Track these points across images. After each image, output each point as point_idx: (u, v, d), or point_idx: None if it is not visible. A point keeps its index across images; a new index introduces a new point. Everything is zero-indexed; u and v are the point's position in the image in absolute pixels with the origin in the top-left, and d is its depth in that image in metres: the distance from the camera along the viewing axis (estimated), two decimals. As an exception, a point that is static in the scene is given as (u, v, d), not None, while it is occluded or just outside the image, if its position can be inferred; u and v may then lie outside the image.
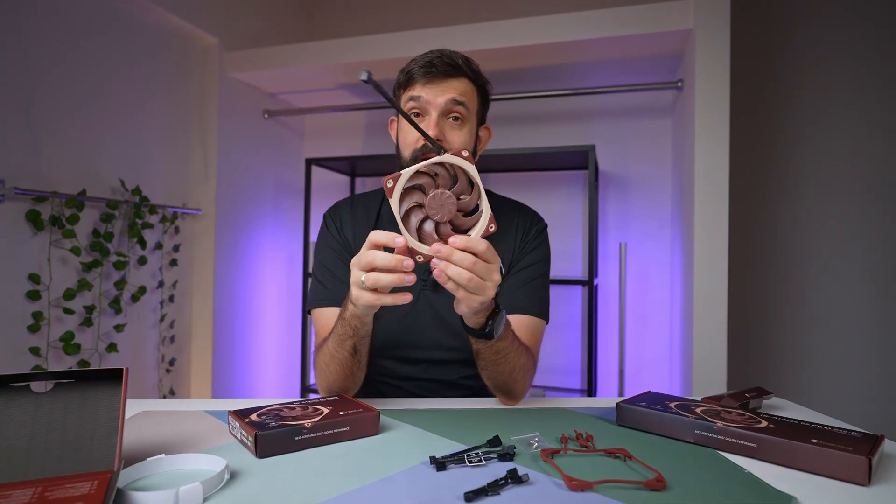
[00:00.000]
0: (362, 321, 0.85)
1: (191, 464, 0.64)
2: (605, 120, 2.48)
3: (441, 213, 0.73)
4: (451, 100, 0.97)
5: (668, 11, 1.86)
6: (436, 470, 0.64)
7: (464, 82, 0.99)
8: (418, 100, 0.97)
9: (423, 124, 0.97)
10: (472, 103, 1.00)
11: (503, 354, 0.88)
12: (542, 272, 1.08)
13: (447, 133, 0.98)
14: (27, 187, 1.64)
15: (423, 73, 0.97)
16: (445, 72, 0.97)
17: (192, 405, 0.92)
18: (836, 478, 0.62)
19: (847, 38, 2.22)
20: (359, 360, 0.91)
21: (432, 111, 0.97)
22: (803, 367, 2.27)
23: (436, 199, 0.73)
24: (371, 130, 2.86)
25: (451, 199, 0.73)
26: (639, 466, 0.65)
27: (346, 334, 0.87)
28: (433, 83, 0.97)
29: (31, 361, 1.67)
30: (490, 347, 0.86)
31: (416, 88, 0.98)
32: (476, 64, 1.03)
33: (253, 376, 2.58)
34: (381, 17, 2.79)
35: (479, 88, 1.02)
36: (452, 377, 1.06)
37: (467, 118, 0.99)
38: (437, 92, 0.97)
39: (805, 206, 2.27)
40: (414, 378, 1.06)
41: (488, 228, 0.74)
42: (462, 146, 0.98)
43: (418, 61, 0.98)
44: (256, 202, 2.58)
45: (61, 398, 0.62)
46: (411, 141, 0.99)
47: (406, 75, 1.00)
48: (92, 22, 1.86)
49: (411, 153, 0.98)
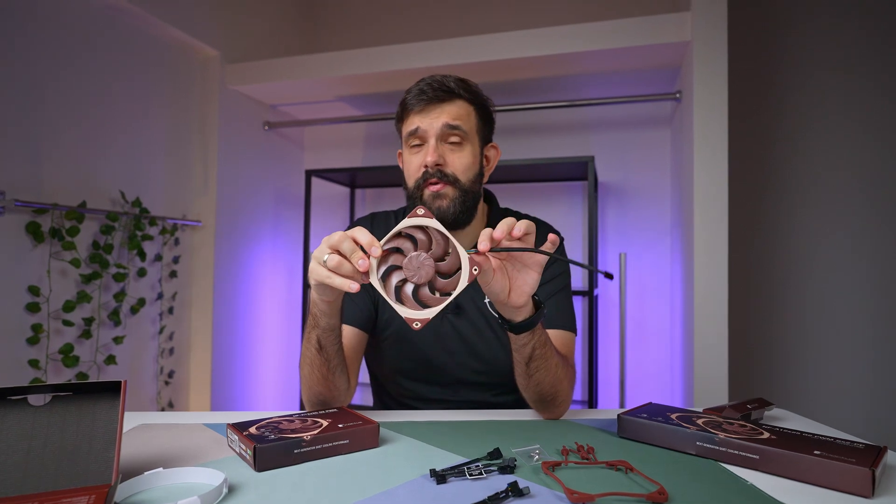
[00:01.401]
0: (321, 310, 0.83)
1: (189, 477, 0.63)
2: (605, 131, 2.49)
3: (419, 275, 0.73)
4: (445, 124, 0.98)
5: (667, 24, 1.87)
6: (436, 483, 0.63)
7: (458, 105, 0.99)
8: (416, 131, 0.99)
9: (423, 152, 0.99)
10: (470, 125, 1.00)
11: (549, 347, 0.86)
12: (565, 284, 1.08)
13: (447, 157, 0.98)
14: (27, 199, 1.65)
15: (416, 101, 0.98)
16: (438, 97, 0.98)
17: (190, 418, 0.91)
18: (840, 490, 0.61)
19: (844, 47, 2.23)
20: (327, 360, 0.89)
21: (430, 138, 0.98)
22: (805, 376, 2.26)
23: (412, 262, 0.73)
24: (371, 142, 2.87)
25: (429, 261, 0.73)
26: (641, 479, 0.64)
27: (310, 325, 0.87)
28: (427, 110, 0.98)
29: (30, 374, 1.66)
30: (539, 338, 0.84)
31: (412, 119, 0.99)
32: (473, 84, 1.03)
33: (252, 389, 2.56)
34: (381, 30, 2.82)
35: (477, 108, 1.03)
36: (483, 398, 1.06)
37: (467, 139, 1.00)
38: (432, 118, 0.98)
39: (805, 215, 2.28)
40: (444, 400, 1.06)
41: (472, 273, 0.73)
42: (464, 168, 0.99)
43: (412, 91, 1.00)
44: (256, 214, 2.58)
45: (59, 411, 0.62)
46: (413, 170, 1.00)
47: (401, 107, 1.02)
48: (93, 34, 1.88)
49: (415, 182, 1.00)
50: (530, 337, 0.83)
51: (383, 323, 1.07)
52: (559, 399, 0.91)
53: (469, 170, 1.00)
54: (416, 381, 1.07)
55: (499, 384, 1.06)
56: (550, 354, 0.87)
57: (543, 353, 0.85)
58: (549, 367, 0.87)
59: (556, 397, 0.90)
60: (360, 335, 1.05)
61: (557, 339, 1.00)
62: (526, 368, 0.86)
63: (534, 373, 0.87)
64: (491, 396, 1.07)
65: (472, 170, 1.01)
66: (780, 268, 2.30)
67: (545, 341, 0.86)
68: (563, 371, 0.90)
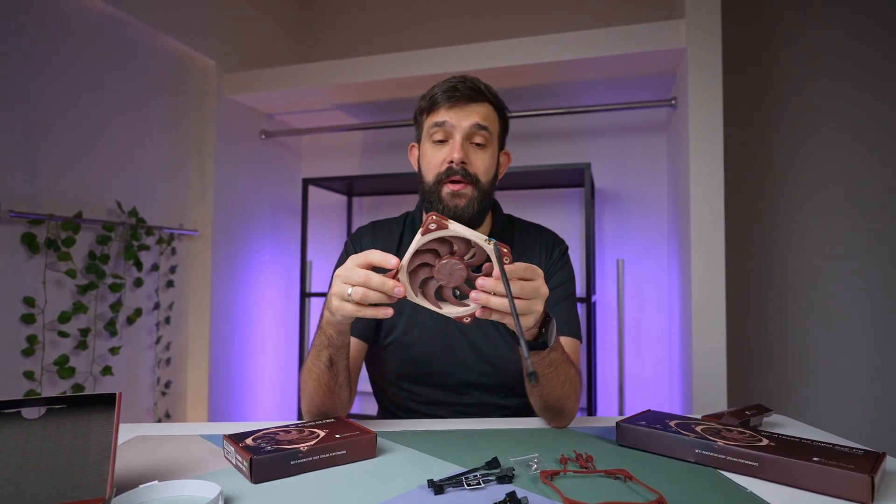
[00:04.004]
0: (338, 330, 0.84)
1: (184, 490, 0.63)
2: (601, 137, 2.50)
3: (449, 280, 0.73)
4: (476, 124, 0.99)
5: (661, 30, 1.88)
6: (434, 494, 0.63)
7: (486, 107, 1.01)
8: (443, 125, 0.99)
9: (448, 147, 0.99)
10: (495, 128, 1.02)
11: (555, 367, 0.86)
12: (570, 292, 1.09)
13: (471, 156, 0.99)
14: (23, 210, 1.64)
15: (447, 97, 0.99)
16: (469, 96, 0.99)
17: (186, 429, 0.91)
18: (839, 497, 0.61)
19: (838, 51, 2.25)
20: (335, 375, 0.89)
21: (457, 134, 0.99)
22: (803, 382, 2.25)
23: (446, 267, 0.73)
24: (368, 150, 2.88)
25: (463, 270, 0.73)
26: (640, 487, 0.64)
27: (322, 345, 0.87)
28: (457, 107, 0.99)
29: (25, 386, 1.65)
30: (544, 359, 0.84)
31: (440, 113, 1.00)
32: (494, 90, 1.05)
33: (250, 399, 2.55)
34: (377, 39, 2.83)
35: (499, 114, 1.04)
36: (490, 400, 1.06)
37: (490, 142, 1.01)
38: (462, 116, 0.99)
39: (802, 220, 2.28)
40: (451, 403, 1.06)
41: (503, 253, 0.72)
42: (485, 170, 1.00)
43: (441, 86, 1.00)
44: (253, 223, 2.58)
45: (53, 424, 0.61)
46: (434, 164, 1.00)
47: (430, 101, 1.02)
48: (90, 45, 1.88)
49: (435, 176, 1.00)
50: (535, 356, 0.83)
51: (385, 331, 1.07)
52: (565, 412, 0.91)
53: (489, 171, 1.01)
54: (423, 386, 1.06)
55: (507, 386, 1.05)
56: (553, 376, 0.86)
57: (546, 373, 0.85)
58: (554, 386, 0.87)
59: (562, 410, 0.91)
60: (361, 346, 1.05)
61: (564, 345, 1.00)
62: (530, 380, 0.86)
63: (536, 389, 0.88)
64: (499, 398, 1.06)
65: (491, 171, 1.02)
66: (777, 273, 2.30)
67: (550, 363, 0.85)
68: (570, 387, 0.90)
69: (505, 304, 0.72)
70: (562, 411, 0.91)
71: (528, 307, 0.74)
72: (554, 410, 0.91)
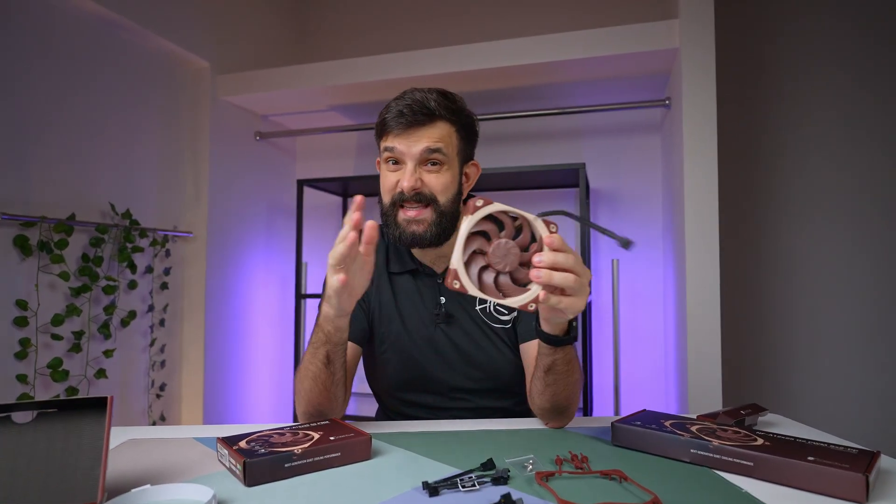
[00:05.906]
0: (336, 326, 0.85)
1: (177, 494, 0.62)
2: (595, 138, 2.50)
3: (504, 262, 0.72)
4: (426, 149, 0.95)
5: (655, 31, 1.89)
6: (428, 496, 0.62)
7: (439, 126, 0.97)
8: (393, 150, 0.97)
9: (400, 174, 0.97)
10: (451, 146, 0.98)
11: (572, 364, 0.87)
12: None
13: (425, 178, 0.97)
14: (15, 212, 1.63)
15: (395, 123, 0.96)
16: (418, 121, 0.95)
17: (180, 432, 0.90)
18: (834, 496, 0.61)
19: (832, 51, 2.26)
20: (332, 373, 0.89)
21: (408, 161, 0.96)
22: (797, 381, 2.26)
23: (500, 249, 0.72)
24: (362, 151, 2.87)
25: (516, 249, 0.72)
26: (635, 488, 0.64)
27: (319, 342, 0.87)
28: (406, 133, 0.96)
29: (18, 389, 1.64)
30: (566, 355, 0.84)
31: (390, 138, 0.97)
32: (458, 100, 1.01)
33: (245, 401, 2.54)
34: (372, 40, 2.82)
35: (459, 128, 1.00)
36: (483, 404, 1.06)
37: (446, 161, 0.97)
38: (411, 142, 0.95)
39: (796, 219, 2.29)
40: (445, 408, 1.06)
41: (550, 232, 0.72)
42: (442, 188, 0.97)
43: (391, 110, 0.97)
44: (248, 224, 2.57)
45: (44, 428, 0.61)
46: (388, 187, 0.99)
47: (380, 125, 0.99)
48: (82, 46, 1.87)
49: (390, 198, 0.99)
50: (553, 350, 0.84)
51: (380, 338, 1.07)
52: (570, 411, 0.92)
53: (447, 189, 0.98)
54: (416, 393, 1.07)
55: (498, 388, 1.06)
56: (571, 372, 0.87)
57: (565, 370, 0.86)
58: (568, 383, 0.87)
59: (568, 409, 0.92)
60: (356, 349, 1.05)
61: None
62: (544, 376, 0.87)
63: (550, 384, 0.87)
64: (492, 401, 1.06)
65: (450, 189, 0.99)
66: (772, 272, 2.31)
67: (570, 360, 0.86)
68: (577, 386, 0.91)
69: (569, 278, 0.70)
70: (567, 410, 0.91)
71: (581, 285, 0.72)
72: (561, 409, 0.91)
